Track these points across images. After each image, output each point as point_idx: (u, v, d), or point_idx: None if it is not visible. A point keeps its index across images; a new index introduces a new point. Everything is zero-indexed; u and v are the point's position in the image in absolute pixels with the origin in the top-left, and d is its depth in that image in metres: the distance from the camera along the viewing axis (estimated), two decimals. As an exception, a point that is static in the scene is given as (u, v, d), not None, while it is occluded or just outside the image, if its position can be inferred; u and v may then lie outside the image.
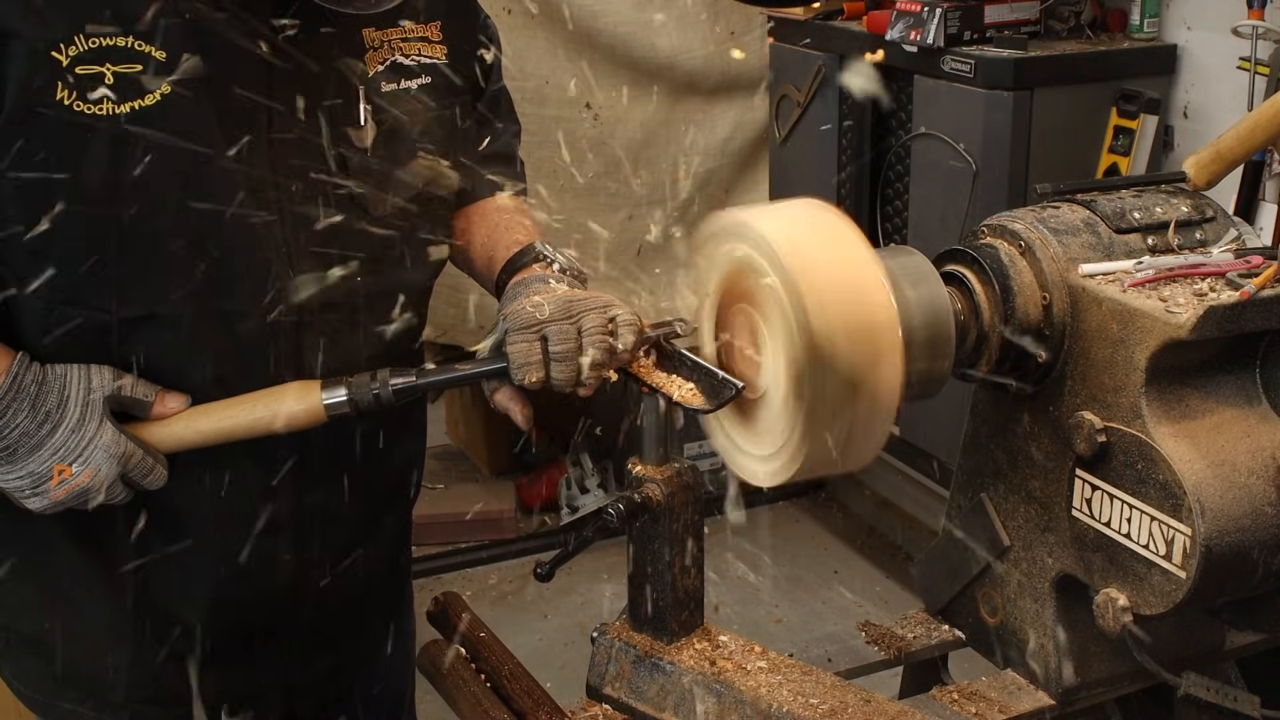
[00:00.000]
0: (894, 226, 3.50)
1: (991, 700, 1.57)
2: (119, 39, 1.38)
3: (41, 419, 1.42)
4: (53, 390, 1.43)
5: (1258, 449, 1.42)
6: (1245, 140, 1.58)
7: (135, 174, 1.40)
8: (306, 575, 1.64)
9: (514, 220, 1.74)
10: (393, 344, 1.61)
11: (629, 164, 3.96)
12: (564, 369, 1.47)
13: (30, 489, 1.44)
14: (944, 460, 3.35)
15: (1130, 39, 3.23)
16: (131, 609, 1.59)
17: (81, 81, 1.36)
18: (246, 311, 1.48)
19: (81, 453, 1.43)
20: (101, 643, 1.61)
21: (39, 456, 1.42)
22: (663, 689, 1.50)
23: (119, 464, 1.44)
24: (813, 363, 1.29)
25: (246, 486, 1.56)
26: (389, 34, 1.57)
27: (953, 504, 1.70)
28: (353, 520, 1.67)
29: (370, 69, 1.55)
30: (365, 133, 1.54)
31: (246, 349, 1.49)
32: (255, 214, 1.47)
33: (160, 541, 1.56)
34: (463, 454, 4.65)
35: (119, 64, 1.38)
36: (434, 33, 1.62)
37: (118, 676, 1.62)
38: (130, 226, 1.41)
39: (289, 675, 1.71)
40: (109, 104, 1.37)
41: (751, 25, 3.95)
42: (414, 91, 1.59)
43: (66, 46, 1.36)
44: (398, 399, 1.49)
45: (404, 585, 1.92)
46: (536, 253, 1.64)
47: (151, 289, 1.45)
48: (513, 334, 1.49)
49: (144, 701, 1.64)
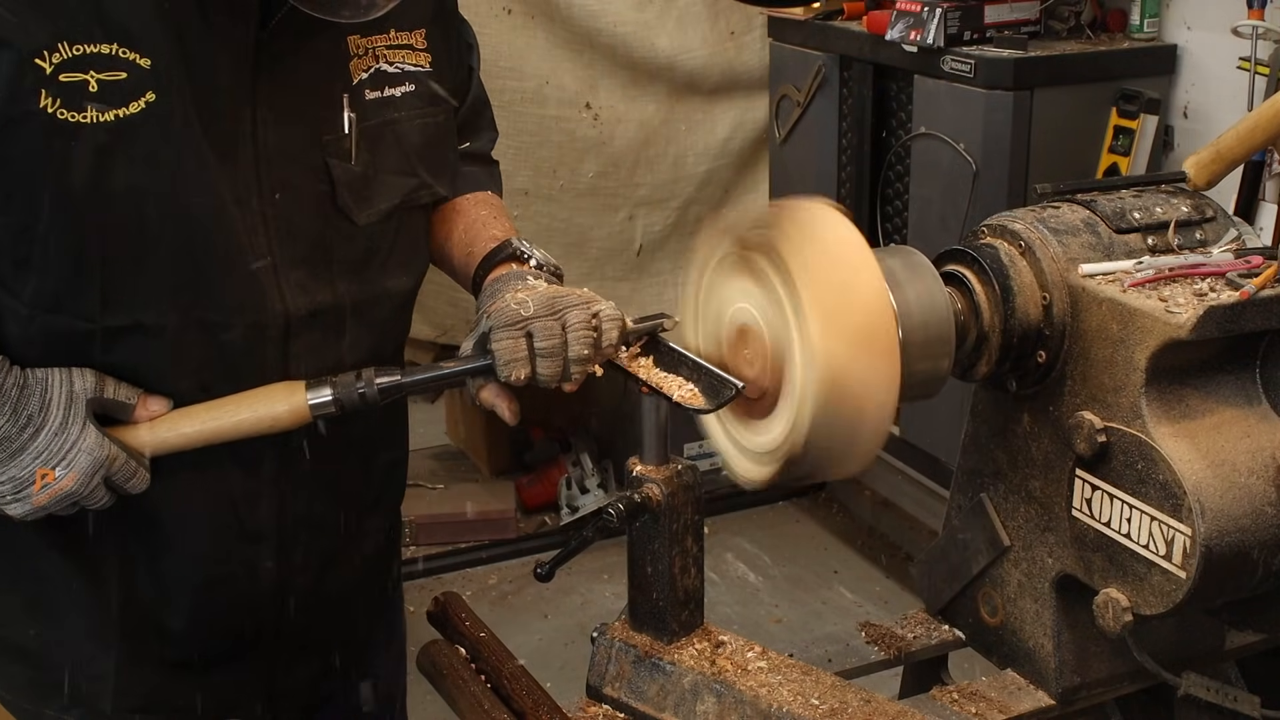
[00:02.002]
0: (894, 226, 3.50)
1: (991, 700, 1.57)
2: (103, 46, 1.36)
3: (24, 423, 1.41)
4: (34, 394, 1.42)
5: (1258, 449, 1.42)
6: (1245, 140, 1.58)
7: (119, 182, 1.39)
8: (290, 582, 1.63)
9: (489, 217, 1.73)
10: (378, 350, 1.61)
11: (629, 164, 3.96)
12: (550, 365, 1.47)
13: (11, 494, 1.42)
14: (944, 460, 3.35)
15: (1130, 39, 3.23)
16: (115, 616, 1.59)
17: (65, 89, 1.35)
18: (231, 320, 1.47)
19: (65, 456, 1.41)
20: (86, 650, 1.61)
21: (20, 461, 1.41)
22: (663, 689, 1.50)
23: (103, 468, 1.42)
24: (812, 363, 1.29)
25: (229, 493, 1.55)
26: (374, 41, 1.56)
27: (953, 504, 1.70)
28: (336, 526, 1.67)
29: (354, 76, 1.55)
30: (349, 140, 1.53)
31: (231, 357, 1.48)
32: (240, 222, 1.46)
33: (142, 548, 1.56)
34: (463, 454, 4.65)
35: (102, 72, 1.37)
36: (418, 40, 1.61)
37: (103, 684, 1.62)
38: (114, 234, 1.40)
39: (273, 681, 1.70)
40: (93, 111, 1.36)
41: (751, 25, 3.95)
42: (398, 99, 1.58)
43: (50, 54, 1.34)
44: (383, 397, 1.48)
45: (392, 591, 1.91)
46: (514, 249, 1.63)
47: (136, 297, 1.44)
48: (497, 331, 1.49)
49: (129, 709, 1.63)
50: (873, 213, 3.53)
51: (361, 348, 1.58)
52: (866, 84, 3.45)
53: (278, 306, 1.49)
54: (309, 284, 1.52)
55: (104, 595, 1.58)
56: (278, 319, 1.50)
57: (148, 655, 1.62)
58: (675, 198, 4.06)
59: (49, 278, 1.41)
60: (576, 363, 1.47)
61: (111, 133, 1.37)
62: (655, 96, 3.93)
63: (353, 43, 1.55)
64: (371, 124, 1.56)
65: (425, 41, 1.62)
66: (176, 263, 1.44)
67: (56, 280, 1.41)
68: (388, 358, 1.63)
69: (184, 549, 1.56)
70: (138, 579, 1.57)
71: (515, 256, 1.63)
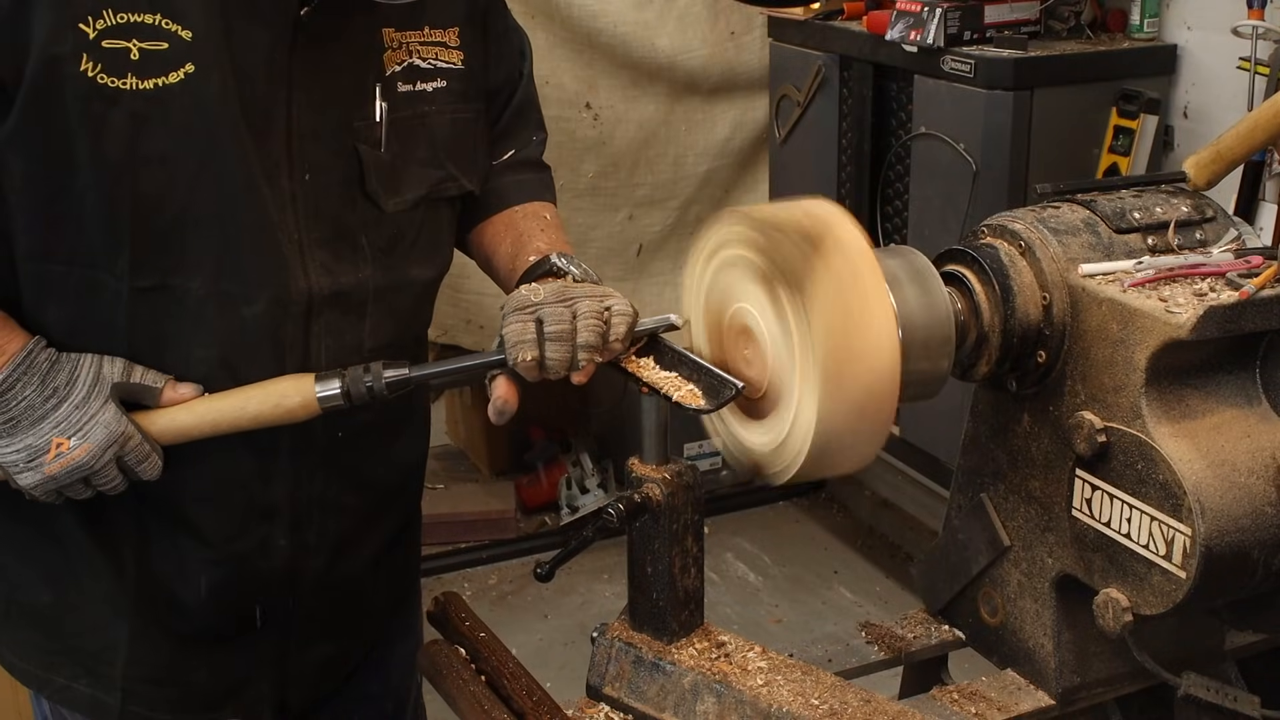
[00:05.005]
0: (894, 226, 3.50)
1: (991, 700, 1.57)
2: (146, 16, 1.41)
3: (49, 394, 1.45)
4: (64, 369, 1.46)
5: (1258, 449, 1.42)
6: (1245, 140, 1.58)
7: (154, 149, 1.42)
8: (303, 562, 1.65)
9: (537, 229, 1.75)
10: (399, 338, 1.62)
11: (629, 164, 3.96)
12: (559, 349, 1.47)
13: (25, 463, 1.45)
14: (944, 460, 3.35)
15: (1130, 39, 3.23)
16: (129, 586, 1.61)
17: (107, 55, 1.39)
18: (254, 294, 1.50)
19: (82, 427, 1.44)
20: (100, 619, 1.63)
21: (39, 429, 1.44)
22: (663, 689, 1.50)
23: (116, 443, 1.45)
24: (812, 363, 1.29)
25: (243, 469, 1.57)
26: (408, 36, 1.59)
27: (953, 504, 1.70)
28: (352, 512, 1.68)
29: (388, 68, 1.57)
30: (380, 129, 1.56)
31: (253, 330, 1.51)
32: (269, 198, 1.48)
33: (157, 521, 1.58)
34: (463, 454, 4.65)
35: (145, 41, 1.40)
36: (452, 38, 1.64)
37: (115, 653, 1.64)
38: (147, 199, 1.44)
39: (283, 662, 1.71)
40: (133, 79, 1.40)
41: (751, 25, 3.95)
42: (429, 94, 1.61)
43: (94, 20, 1.38)
44: (391, 392, 1.50)
45: (410, 585, 1.92)
46: (551, 264, 1.64)
47: (164, 261, 1.47)
48: (508, 315, 1.51)
49: (139, 679, 1.65)
50: (873, 213, 3.53)
51: (383, 333, 1.61)
52: (866, 84, 3.45)
53: (301, 284, 1.52)
54: (333, 265, 1.54)
55: (118, 565, 1.61)
56: (301, 296, 1.52)
57: (160, 628, 1.64)
58: (675, 198, 4.06)
59: (82, 236, 1.45)
60: (585, 349, 1.48)
61: (149, 100, 1.41)
62: (655, 96, 3.92)
63: (388, 35, 1.57)
64: (402, 115, 1.58)
65: (459, 40, 1.65)
66: (205, 233, 1.47)
67: (90, 238, 1.45)
68: (408, 347, 1.65)
69: (198, 522, 1.59)
70: (152, 550, 1.60)
71: (552, 272, 1.63)
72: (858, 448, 1.37)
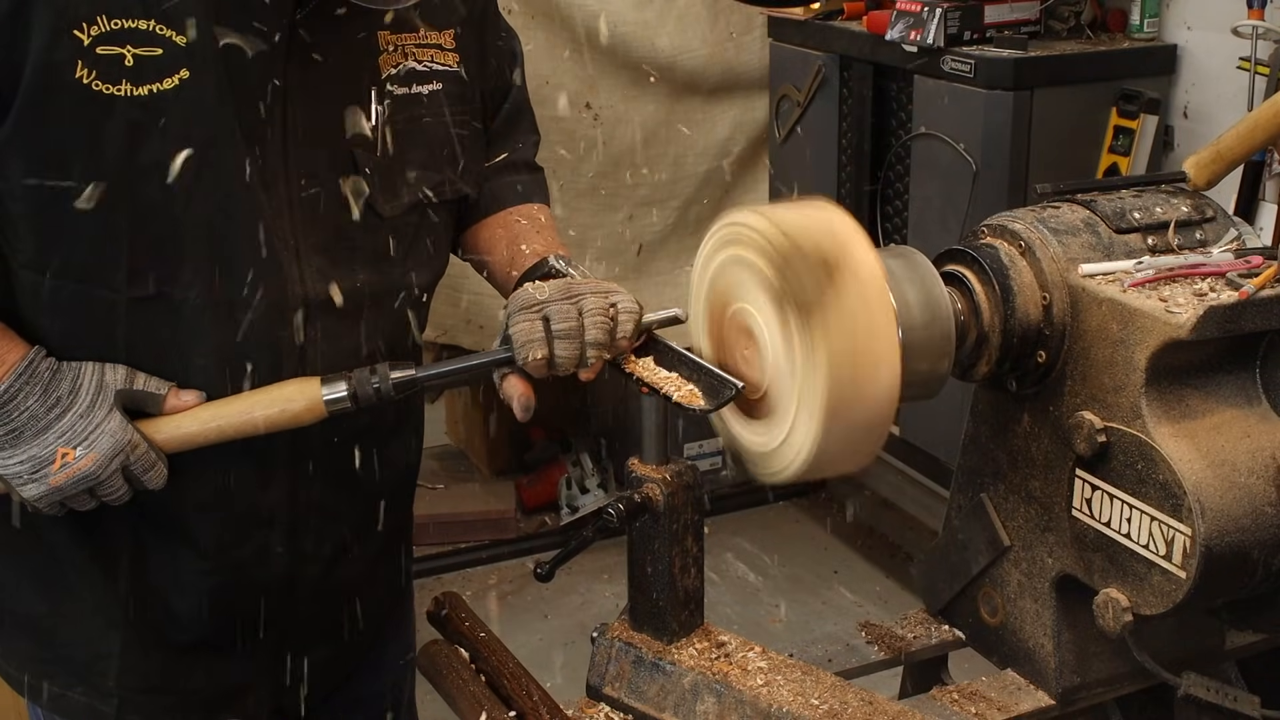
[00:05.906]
0: (894, 226, 3.50)
1: (991, 700, 1.57)
2: (141, 21, 1.40)
3: (52, 404, 1.43)
4: (66, 379, 1.45)
5: (1258, 449, 1.42)
6: (1245, 140, 1.58)
7: (149, 156, 1.41)
8: (300, 569, 1.64)
9: (531, 232, 1.74)
10: (395, 342, 1.62)
11: (629, 164, 3.96)
12: (567, 346, 1.47)
13: (29, 474, 1.43)
14: (944, 460, 3.35)
15: (1130, 39, 3.23)
16: (124, 594, 1.60)
17: (101, 62, 1.38)
18: (251, 300, 1.49)
19: (87, 437, 1.43)
20: (95, 627, 1.62)
21: (44, 440, 1.43)
22: (663, 689, 1.50)
23: (123, 452, 1.44)
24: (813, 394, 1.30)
25: (240, 477, 1.56)
26: (404, 39, 1.59)
27: (953, 504, 1.70)
28: (348, 516, 1.68)
29: (384, 71, 1.57)
30: (376, 132, 1.55)
31: (250, 336, 1.50)
32: (265, 204, 1.48)
33: (154, 531, 1.57)
34: (463, 454, 4.65)
35: (139, 47, 1.40)
36: (448, 40, 1.64)
37: (108, 663, 1.63)
38: (143, 207, 1.43)
39: (280, 668, 1.71)
40: (127, 85, 1.39)
41: (751, 25, 3.95)
42: (426, 97, 1.60)
43: (89, 26, 1.37)
44: (398, 393, 1.49)
45: (403, 586, 1.92)
46: (549, 267, 1.64)
47: (161, 270, 1.46)
48: (515, 315, 1.50)
49: (134, 688, 1.65)
50: (873, 213, 3.53)
51: (379, 338, 1.60)
52: (866, 84, 3.45)
53: (297, 290, 1.51)
54: (329, 270, 1.54)
55: (113, 573, 1.60)
56: (297, 302, 1.51)
57: (155, 636, 1.63)
58: (675, 198, 4.06)
59: (79, 246, 1.44)
60: (593, 346, 1.47)
61: (144, 107, 1.40)
62: (655, 96, 3.92)
63: (383, 38, 1.57)
64: (399, 118, 1.58)
65: (454, 42, 1.64)
66: (201, 239, 1.46)
67: (86, 248, 1.44)
68: (405, 352, 1.64)
69: (196, 532, 1.58)
70: (148, 559, 1.59)
71: (550, 274, 1.62)
72: (853, 461, 1.39)
